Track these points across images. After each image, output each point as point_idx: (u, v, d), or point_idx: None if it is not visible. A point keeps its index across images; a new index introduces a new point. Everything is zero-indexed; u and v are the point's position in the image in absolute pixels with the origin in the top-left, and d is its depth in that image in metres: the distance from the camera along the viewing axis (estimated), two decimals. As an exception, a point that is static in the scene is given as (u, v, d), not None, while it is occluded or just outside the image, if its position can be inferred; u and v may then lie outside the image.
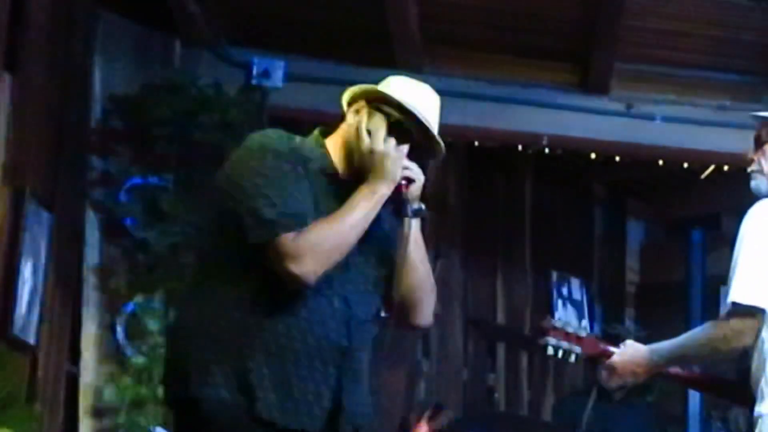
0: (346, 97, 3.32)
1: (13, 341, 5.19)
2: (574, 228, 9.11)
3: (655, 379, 4.68)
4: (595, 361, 4.01)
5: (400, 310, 3.28)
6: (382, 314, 3.31)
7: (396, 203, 3.22)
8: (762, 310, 3.50)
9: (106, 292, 6.06)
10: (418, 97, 3.28)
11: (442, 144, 3.30)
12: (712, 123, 6.81)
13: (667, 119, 6.89)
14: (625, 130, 6.91)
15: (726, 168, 7.08)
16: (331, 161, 3.23)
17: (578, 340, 3.96)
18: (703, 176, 7.39)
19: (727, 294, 3.57)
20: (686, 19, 6.40)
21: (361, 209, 3.12)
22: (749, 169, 3.78)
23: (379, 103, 3.25)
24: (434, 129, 3.27)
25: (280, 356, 3.05)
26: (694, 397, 8.30)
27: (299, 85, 6.59)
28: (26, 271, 5.25)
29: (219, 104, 6.22)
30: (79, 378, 5.97)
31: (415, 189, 3.24)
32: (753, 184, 3.76)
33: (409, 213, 3.23)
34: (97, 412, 5.98)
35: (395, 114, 3.22)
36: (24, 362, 5.39)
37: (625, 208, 9.47)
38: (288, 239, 3.01)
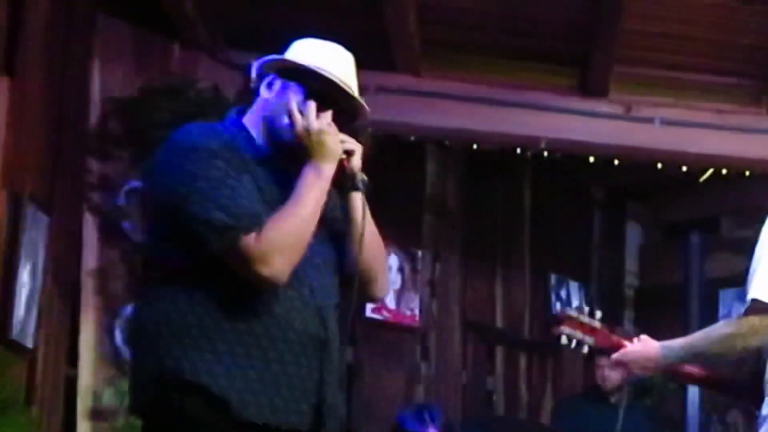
0: (253, 71, 3.22)
1: (11, 344, 5.19)
2: (572, 231, 9.11)
3: (653, 379, 4.69)
4: (607, 352, 3.99)
5: (359, 285, 3.17)
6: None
7: (339, 178, 3.11)
8: None
9: (104, 296, 6.05)
10: (330, 59, 3.18)
11: (365, 104, 3.19)
12: (711, 126, 6.82)
13: (665, 122, 6.88)
14: (624, 134, 6.92)
15: (724, 171, 7.08)
16: (256, 144, 3.11)
17: (592, 331, 3.94)
18: (701, 179, 7.39)
19: (744, 293, 3.54)
20: (685, 22, 6.40)
21: (313, 193, 3.01)
22: None
23: (290, 72, 3.15)
24: (354, 89, 3.17)
25: (263, 356, 2.96)
26: (693, 399, 8.28)
27: (297, 88, 6.58)
28: (24, 274, 5.25)
29: (218, 107, 6.20)
30: (77, 381, 5.96)
31: (356, 160, 3.14)
32: None
33: (360, 186, 3.14)
34: (96, 415, 5.97)
35: (311, 83, 3.11)
36: (22, 365, 5.39)
37: (624, 211, 9.48)
38: (250, 242, 2.90)
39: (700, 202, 8.50)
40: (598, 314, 3.99)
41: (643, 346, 3.82)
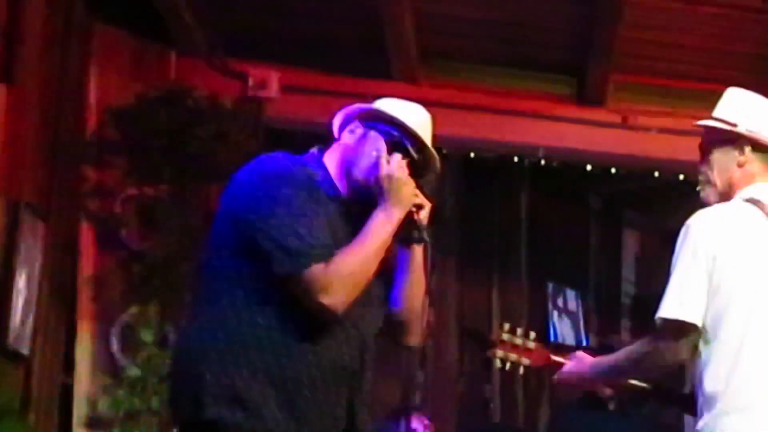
0: (339, 117, 3.36)
1: (7, 352, 5.18)
2: (569, 239, 9.10)
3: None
4: (545, 372, 4.02)
5: (396, 329, 3.38)
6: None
7: (405, 228, 3.25)
8: (693, 325, 3.40)
9: (100, 303, 6.05)
10: (411, 114, 3.33)
11: (438, 159, 3.35)
12: (708, 135, 6.81)
13: (662, 131, 6.89)
14: (621, 142, 6.92)
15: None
16: (333, 182, 3.26)
17: (527, 351, 3.95)
18: (698, 188, 7.37)
19: None
20: (682, 31, 6.40)
21: (380, 236, 3.16)
22: (699, 179, 3.73)
23: (374, 122, 3.31)
24: (429, 143, 3.32)
25: (296, 383, 3.08)
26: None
27: (295, 97, 6.59)
28: (20, 281, 5.24)
29: (215, 115, 6.22)
30: (73, 389, 5.95)
31: (424, 214, 3.29)
32: (702, 194, 3.68)
33: (425, 239, 3.28)
34: (91, 424, 5.96)
35: (392, 133, 3.27)
36: (18, 373, 5.39)
37: (621, 220, 9.48)
38: (318, 271, 3.04)
39: (697, 211, 8.49)
40: (532, 334, 4.02)
41: (577, 365, 3.82)
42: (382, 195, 3.19)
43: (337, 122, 3.38)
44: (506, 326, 4.00)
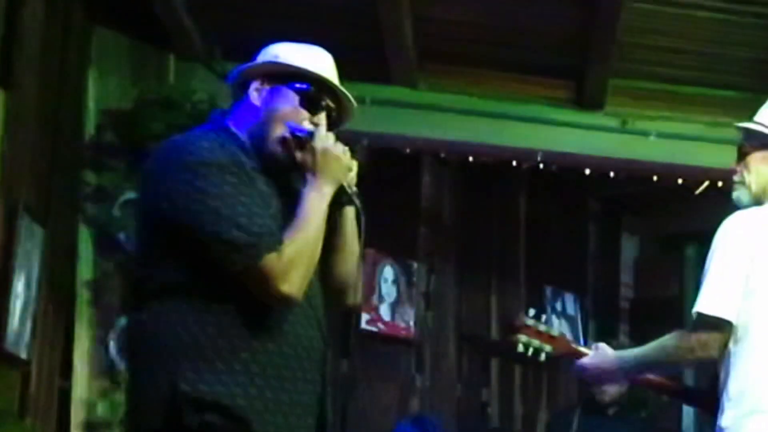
0: (236, 76, 3.15)
1: (5, 356, 5.17)
2: (568, 243, 9.10)
3: (638, 389, 4.71)
4: (565, 360, 4.01)
5: (337, 292, 3.22)
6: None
7: (334, 193, 3.09)
8: (728, 322, 3.48)
9: (98, 307, 6.04)
10: (315, 60, 3.15)
11: (352, 101, 3.19)
12: (707, 139, 6.82)
13: (661, 135, 6.89)
14: (620, 146, 6.92)
15: (720, 184, 7.07)
16: (249, 152, 3.04)
17: (550, 338, 3.97)
18: (697, 192, 7.39)
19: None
20: (680, 35, 6.41)
21: (318, 215, 2.99)
22: (734, 179, 3.79)
23: (280, 77, 3.10)
24: (343, 89, 3.16)
25: (277, 374, 2.94)
26: (688, 411, 8.30)
27: (294, 100, 6.58)
28: (19, 285, 5.24)
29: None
30: (71, 393, 5.95)
31: (352, 177, 3.13)
32: (735, 195, 3.77)
33: (355, 201, 3.14)
34: (90, 427, 5.96)
35: (304, 88, 3.10)
36: (16, 377, 5.38)
37: (620, 224, 9.48)
38: (272, 260, 2.88)
39: (696, 215, 8.48)
40: (556, 322, 4.02)
41: (599, 357, 3.85)
42: (314, 170, 3.01)
43: (233, 78, 3.15)
44: (531, 311, 4.01)
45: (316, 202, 3.00)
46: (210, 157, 2.91)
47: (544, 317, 4.02)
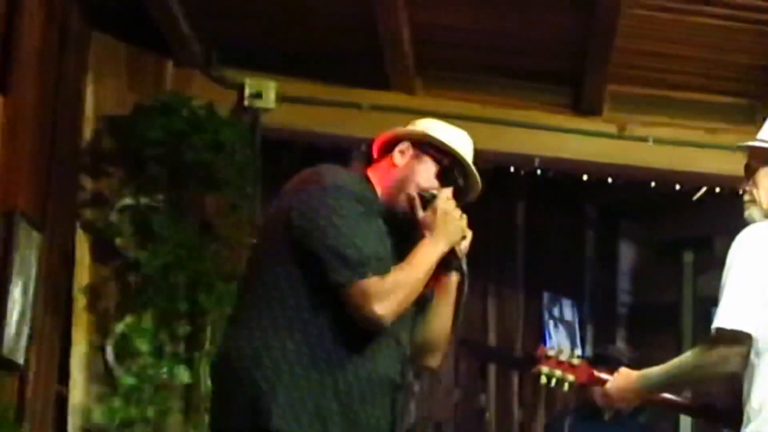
0: (385, 136, 3.46)
1: (2, 361, 5.17)
2: (566, 249, 9.11)
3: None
4: (589, 387, 4.05)
5: (419, 350, 3.44)
6: None
7: (445, 257, 3.34)
8: (748, 336, 3.49)
9: (96, 313, 6.04)
10: (460, 140, 3.47)
11: (479, 183, 3.50)
12: (705, 145, 6.82)
13: (659, 141, 6.89)
14: (618, 152, 6.91)
15: (718, 190, 7.08)
16: (379, 199, 3.34)
17: (571, 368, 4.00)
18: (695, 198, 7.39)
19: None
20: (678, 41, 6.40)
21: (427, 263, 3.25)
22: (744, 199, 3.80)
23: (425, 146, 3.41)
24: (476, 172, 3.47)
25: (348, 394, 3.15)
26: (685, 417, 8.30)
27: (291, 107, 6.58)
28: (16, 291, 5.23)
29: (211, 125, 6.21)
30: (68, 398, 5.95)
31: (465, 245, 3.41)
32: (746, 213, 3.78)
33: (464, 269, 3.39)
34: (87, 433, 5.97)
35: (444, 161, 3.40)
36: (13, 382, 5.38)
37: (618, 230, 9.49)
38: (375, 281, 3.12)
39: (694, 221, 8.50)
40: (578, 351, 4.08)
41: (622, 380, 3.89)
42: (432, 228, 3.29)
43: (381, 140, 3.47)
44: (549, 343, 4.06)
45: (427, 252, 3.28)
46: (345, 185, 3.24)
47: (566, 345, 4.07)
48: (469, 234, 3.42)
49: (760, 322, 3.49)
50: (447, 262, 3.36)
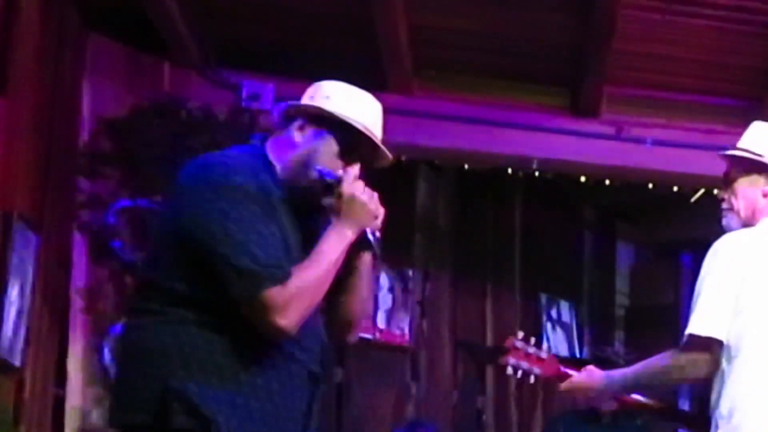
0: (284, 107, 3.23)
1: (-1, 364, 5.17)
2: (563, 251, 9.10)
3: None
4: (554, 382, 4.07)
5: (339, 328, 3.27)
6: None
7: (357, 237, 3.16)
8: (720, 342, 3.52)
9: (93, 315, 6.04)
10: (365, 110, 3.22)
11: (388, 154, 3.24)
12: (702, 147, 6.80)
13: (657, 143, 6.89)
14: (615, 154, 6.92)
15: (716, 192, 7.05)
16: (279, 182, 3.12)
17: (539, 361, 4.03)
18: (693, 200, 7.39)
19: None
20: (676, 43, 6.41)
21: (333, 256, 3.05)
22: (722, 207, 3.84)
23: (326, 123, 3.17)
24: (382, 145, 3.22)
25: (266, 388, 2.99)
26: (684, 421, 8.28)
27: (289, 108, 6.57)
28: (13, 293, 5.23)
29: (208, 127, 6.21)
30: (65, 401, 5.94)
31: (377, 224, 3.19)
32: (724, 221, 3.82)
33: (376, 249, 3.20)
34: (84, 435, 5.96)
35: (347, 139, 3.16)
36: (10, 384, 5.37)
37: (615, 232, 9.47)
38: (272, 293, 2.93)
39: (691, 223, 8.48)
40: (545, 345, 4.09)
41: (587, 376, 3.91)
42: (338, 214, 3.09)
43: (282, 108, 3.24)
44: (520, 334, 4.06)
45: (334, 242, 3.07)
46: (239, 182, 2.99)
47: (533, 339, 4.07)
48: (381, 211, 3.16)
49: (732, 329, 3.52)
50: (359, 242, 3.14)
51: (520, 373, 4.02)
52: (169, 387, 2.92)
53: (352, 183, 3.12)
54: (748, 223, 3.76)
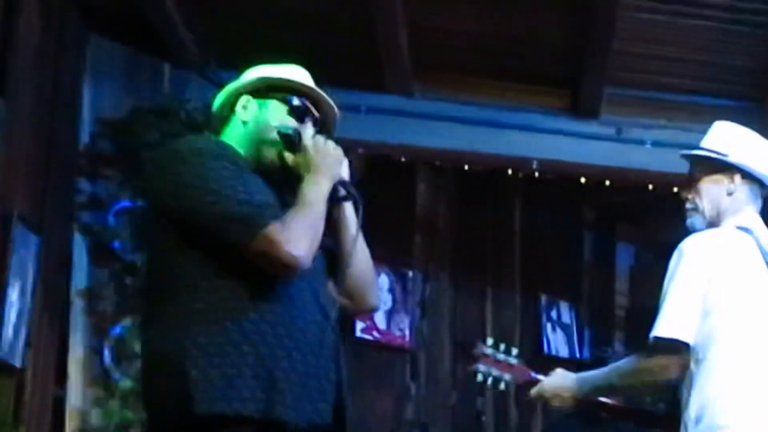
0: (220, 96, 3.27)
1: (-1, 364, 5.18)
2: (563, 252, 9.09)
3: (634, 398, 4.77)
4: (527, 387, 4.09)
5: (351, 296, 3.25)
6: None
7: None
8: (686, 345, 3.52)
9: (93, 316, 6.04)
10: (294, 72, 3.31)
11: (331, 102, 3.30)
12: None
13: (656, 144, 6.89)
14: (615, 155, 6.92)
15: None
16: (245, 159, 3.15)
17: (508, 367, 4.07)
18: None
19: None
20: (676, 44, 6.41)
21: (317, 201, 3.05)
22: (687, 207, 3.84)
23: (265, 92, 3.23)
24: (327, 97, 3.29)
25: (286, 356, 2.97)
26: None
27: (288, 109, 6.58)
28: (13, 294, 5.23)
29: (208, 127, 6.20)
30: (65, 401, 5.94)
31: (344, 171, 3.21)
32: (689, 222, 3.83)
33: (354, 194, 3.21)
34: (84, 436, 5.96)
35: (290, 99, 3.23)
36: (10, 385, 5.37)
37: (615, 232, 9.47)
38: (277, 227, 2.92)
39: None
40: (515, 350, 4.09)
41: (559, 380, 3.93)
42: (308, 168, 3.09)
43: (219, 101, 3.28)
44: (490, 341, 4.06)
45: (313, 191, 3.06)
46: (205, 147, 3.06)
47: (502, 346, 4.08)
48: (345, 161, 3.22)
49: (699, 331, 3.52)
50: (334, 196, 3.16)
51: (490, 380, 4.04)
52: (191, 377, 2.90)
53: (312, 135, 3.17)
54: (713, 223, 3.77)
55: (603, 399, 3.99)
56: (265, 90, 3.25)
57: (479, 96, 6.82)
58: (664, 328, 3.53)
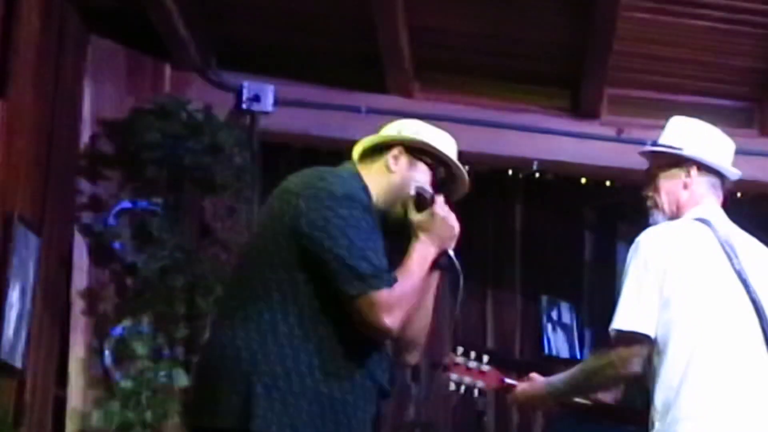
0: (376, 140, 3.48)
1: (0, 365, 5.16)
2: (564, 252, 9.09)
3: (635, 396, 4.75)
4: (498, 392, 4.12)
5: (400, 349, 3.47)
6: None
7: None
8: (647, 336, 3.54)
9: (94, 316, 6.04)
10: (448, 145, 3.49)
11: (467, 188, 3.56)
12: (702, 148, 6.81)
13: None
14: (616, 155, 6.90)
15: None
16: (374, 206, 3.37)
17: (480, 374, 4.10)
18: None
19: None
20: (676, 44, 6.41)
21: (422, 269, 3.31)
22: (647, 204, 3.87)
23: (417, 152, 3.44)
24: (466, 178, 3.53)
25: (342, 402, 3.20)
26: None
27: (289, 110, 6.58)
28: (14, 294, 5.23)
29: (209, 128, 6.21)
30: (66, 402, 5.95)
31: (451, 247, 3.44)
32: (651, 219, 3.86)
33: (457, 268, 3.44)
34: (85, 437, 5.96)
35: (439, 169, 3.46)
36: (11, 386, 5.37)
37: (616, 233, 9.45)
38: (385, 294, 3.17)
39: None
40: (486, 357, 4.12)
41: (530, 385, 3.96)
42: (426, 230, 3.35)
43: (372, 142, 3.49)
44: (460, 350, 4.10)
45: (422, 257, 3.34)
46: (355, 195, 3.28)
47: (473, 353, 4.12)
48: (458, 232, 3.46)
49: (659, 322, 3.54)
50: (437, 263, 3.41)
51: (463, 388, 4.07)
52: (254, 393, 3.11)
53: (443, 204, 3.41)
54: (673, 218, 3.80)
55: (579, 400, 4.01)
56: (418, 150, 3.45)
57: (480, 96, 6.82)
58: (622, 320, 3.57)
